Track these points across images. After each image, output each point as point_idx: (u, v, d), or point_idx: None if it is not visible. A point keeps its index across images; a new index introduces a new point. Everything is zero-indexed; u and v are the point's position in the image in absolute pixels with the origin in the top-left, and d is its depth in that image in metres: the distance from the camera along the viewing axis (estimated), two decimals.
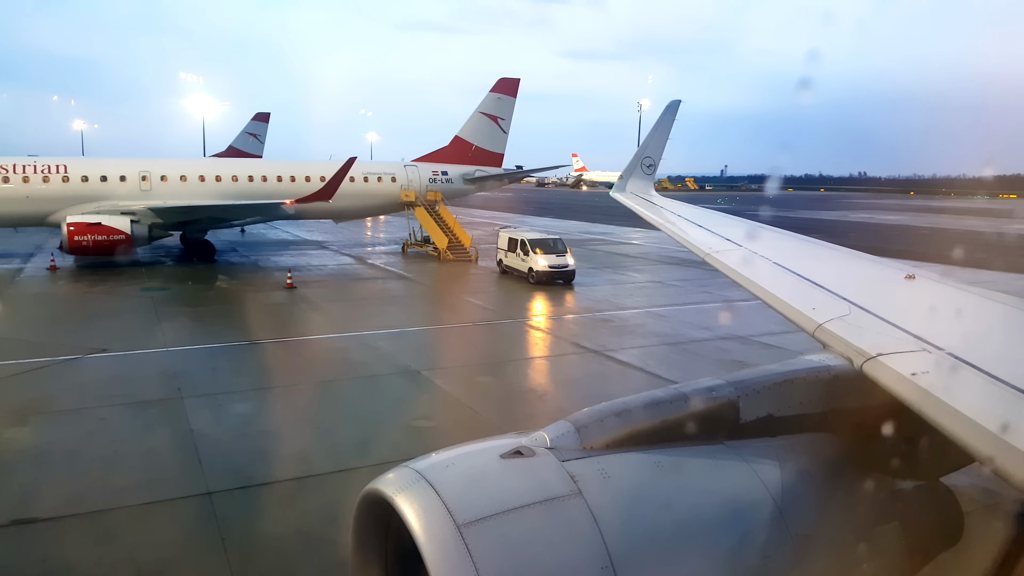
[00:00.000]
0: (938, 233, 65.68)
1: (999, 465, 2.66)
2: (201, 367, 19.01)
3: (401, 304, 28.67)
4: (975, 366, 3.42)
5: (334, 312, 26.53)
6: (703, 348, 22.02)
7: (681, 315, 26.94)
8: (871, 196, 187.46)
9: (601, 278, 36.02)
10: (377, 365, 19.55)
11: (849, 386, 4.04)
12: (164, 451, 13.42)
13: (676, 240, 8.46)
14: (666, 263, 41.81)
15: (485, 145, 50.41)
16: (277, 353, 20.70)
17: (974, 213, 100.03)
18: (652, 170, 12.23)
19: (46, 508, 11.02)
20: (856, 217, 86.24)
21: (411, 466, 3.38)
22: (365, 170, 45.85)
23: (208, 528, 10.57)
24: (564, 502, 3.22)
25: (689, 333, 24.02)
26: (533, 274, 33.54)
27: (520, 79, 51.47)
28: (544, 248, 34.02)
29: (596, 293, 31.63)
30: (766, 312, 26.87)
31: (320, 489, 11.87)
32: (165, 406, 15.79)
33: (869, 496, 3.96)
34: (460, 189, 49.77)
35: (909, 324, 4.13)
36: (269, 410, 16.02)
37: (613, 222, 72.75)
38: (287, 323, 24.90)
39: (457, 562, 2.89)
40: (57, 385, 17.20)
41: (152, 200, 38.41)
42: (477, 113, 50.25)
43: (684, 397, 3.96)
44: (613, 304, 29.01)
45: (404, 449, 13.58)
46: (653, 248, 49.63)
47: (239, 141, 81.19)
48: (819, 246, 7.74)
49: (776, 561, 3.59)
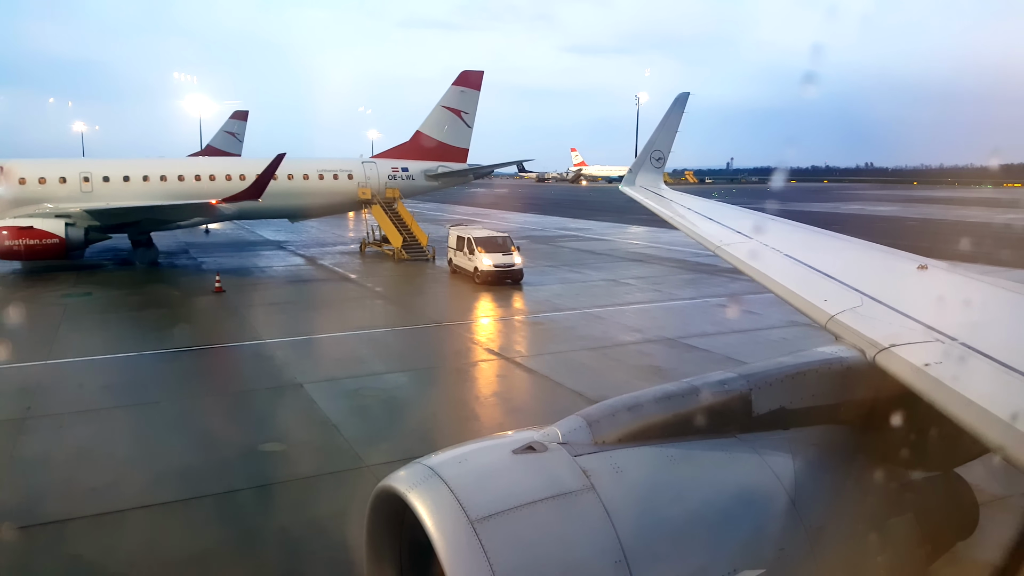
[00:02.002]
0: (925, 224, 63.87)
1: (1011, 454, 2.63)
2: (69, 382, 17.62)
3: (327, 308, 27.23)
4: (988, 356, 3.35)
5: (251, 318, 25.13)
6: (623, 352, 20.55)
7: (619, 316, 25.46)
8: (873, 187, 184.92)
9: (554, 277, 34.55)
10: (261, 379, 18.17)
11: (862, 378, 3.96)
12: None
13: (686, 233, 8.24)
14: (629, 260, 40.30)
15: (448, 140, 48.87)
16: (161, 366, 19.28)
17: (968, 203, 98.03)
18: (661, 163, 12.04)
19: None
20: (847, 209, 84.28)
21: (424, 462, 3.33)
22: (320, 167, 44.43)
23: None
24: (577, 497, 3.18)
25: (617, 336, 22.55)
26: (478, 274, 32.13)
27: (483, 72, 49.89)
28: (489, 246, 32.56)
29: (540, 293, 30.17)
30: (705, 312, 25.64)
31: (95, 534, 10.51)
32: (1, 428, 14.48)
33: (883, 488, 3.89)
34: (422, 186, 48.25)
35: (922, 315, 4.03)
36: (110, 433, 14.54)
37: (597, 218, 71.45)
38: (194, 331, 23.50)
39: (471, 557, 2.86)
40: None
41: (93, 202, 37.15)
42: (439, 107, 48.68)
43: (696, 391, 3.89)
44: (552, 305, 27.55)
45: (226, 482, 12.22)
46: (622, 245, 48.15)
47: (217, 140, 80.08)
48: (830, 237, 7.52)
49: (790, 554, 3.51)
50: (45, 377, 17.80)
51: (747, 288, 31.10)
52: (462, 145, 49.49)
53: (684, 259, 40.68)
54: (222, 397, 16.87)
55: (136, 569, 9.71)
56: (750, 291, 30.42)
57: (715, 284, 32.05)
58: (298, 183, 43.30)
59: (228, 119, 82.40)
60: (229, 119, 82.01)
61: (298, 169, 44.05)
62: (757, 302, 27.88)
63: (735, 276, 34.48)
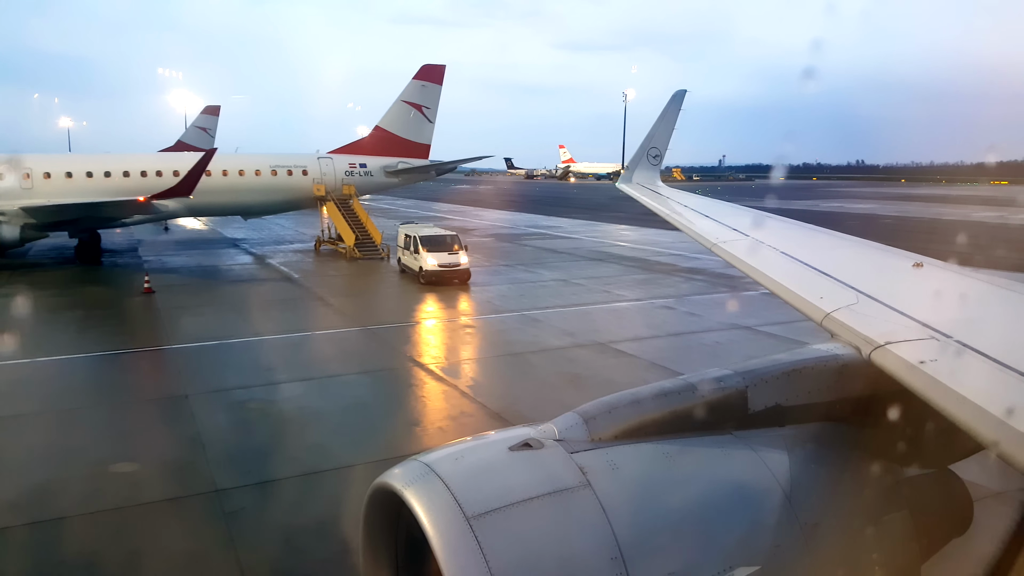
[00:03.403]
0: (898, 222, 63.08)
1: (1006, 451, 2.66)
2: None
3: (254, 311, 25.95)
4: (984, 354, 3.37)
5: (168, 322, 23.88)
6: (546, 359, 19.46)
7: (557, 319, 24.36)
8: (860, 184, 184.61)
9: (505, 277, 33.45)
10: (147, 389, 17.10)
11: (858, 375, 3.98)
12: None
13: (683, 231, 8.28)
14: (589, 259, 39.19)
15: (409, 136, 47.63)
16: (45, 373, 18.03)
17: (948, 201, 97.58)
18: (658, 161, 12.03)
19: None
20: (825, 207, 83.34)
21: (420, 459, 3.30)
22: (272, 162, 43.11)
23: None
24: (573, 494, 3.18)
25: (547, 341, 21.46)
26: (423, 274, 31.01)
27: (445, 66, 48.61)
28: (435, 246, 31.42)
29: (485, 294, 29.06)
30: (646, 314, 24.16)
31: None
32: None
33: (878, 484, 3.88)
34: (381, 182, 47.00)
35: (917, 312, 4.09)
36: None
37: (572, 215, 70.57)
38: (102, 336, 22.09)
39: (467, 554, 2.86)
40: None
41: (34, 199, 35.83)
42: (399, 102, 47.40)
43: (692, 387, 3.86)
44: (492, 307, 26.46)
45: (56, 507, 11.07)
46: (588, 243, 47.05)
47: (188, 135, 78.63)
48: (826, 235, 7.57)
49: (786, 550, 3.51)
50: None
51: (697, 289, 30.12)
52: (424, 141, 48.27)
53: (645, 258, 39.68)
54: (95, 410, 15.61)
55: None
56: (698, 292, 29.43)
57: (666, 285, 30.99)
58: (249, 179, 42.00)
59: (200, 114, 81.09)
60: (201, 114, 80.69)
61: (249, 165, 42.74)
62: (701, 304, 26.87)
63: (689, 277, 33.48)
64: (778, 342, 21.15)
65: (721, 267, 36.18)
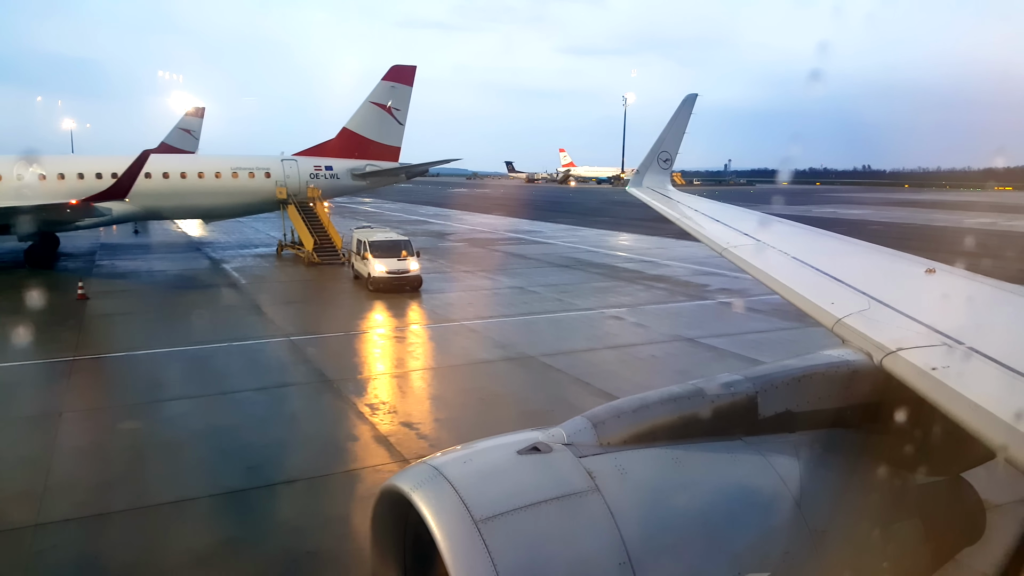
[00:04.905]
0: (887, 228, 61.68)
1: (1019, 459, 2.64)
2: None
3: (180, 319, 24.59)
4: (996, 360, 3.34)
5: (86, 331, 22.56)
6: (466, 374, 18.24)
7: (496, 329, 23.16)
8: (862, 190, 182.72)
9: (461, 284, 32.24)
10: (23, 405, 15.79)
11: (868, 381, 3.92)
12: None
13: (693, 235, 8.15)
14: (557, 266, 37.88)
15: (378, 138, 46.50)
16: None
17: (945, 206, 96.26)
18: (669, 164, 11.99)
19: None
20: (817, 212, 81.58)
21: (429, 462, 3.28)
22: (233, 164, 41.97)
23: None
24: (581, 498, 3.17)
25: (476, 354, 20.25)
26: (371, 280, 29.82)
27: (416, 67, 47.51)
28: (383, 251, 30.22)
29: (432, 303, 27.84)
30: (591, 324, 23.49)
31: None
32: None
33: (889, 492, 3.84)
34: (348, 185, 45.83)
35: (929, 318, 4.05)
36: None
37: (558, 220, 69.74)
38: (6, 347, 21.07)
39: (475, 558, 2.84)
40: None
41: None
42: (368, 103, 46.26)
43: (701, 392, 3.79)
44: (434, 317, 25.22)
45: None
46: (561, 249, 45.67)
47: (172, 137, 77.58)
48: (837, 240, 7.49)
49: (795, 557, 3.46)
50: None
51: (655, 298, 28.87)
52: (393, 143, 47.15)
53: (613, 265, 38.46)
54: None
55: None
56: (654, 301, 28.19)
57: (624, 294, 29.74)
58: (208, 182, 40.86)
59: (184, 116, 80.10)
60: (185, 116, 79.59)
61: (208, 167, 41.61)
62: (653, 314, 25.63)
63: (651, 285, 32.20)
64: (716, 355, 19.95)
65: (686, 275, 34.97)
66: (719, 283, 32.18)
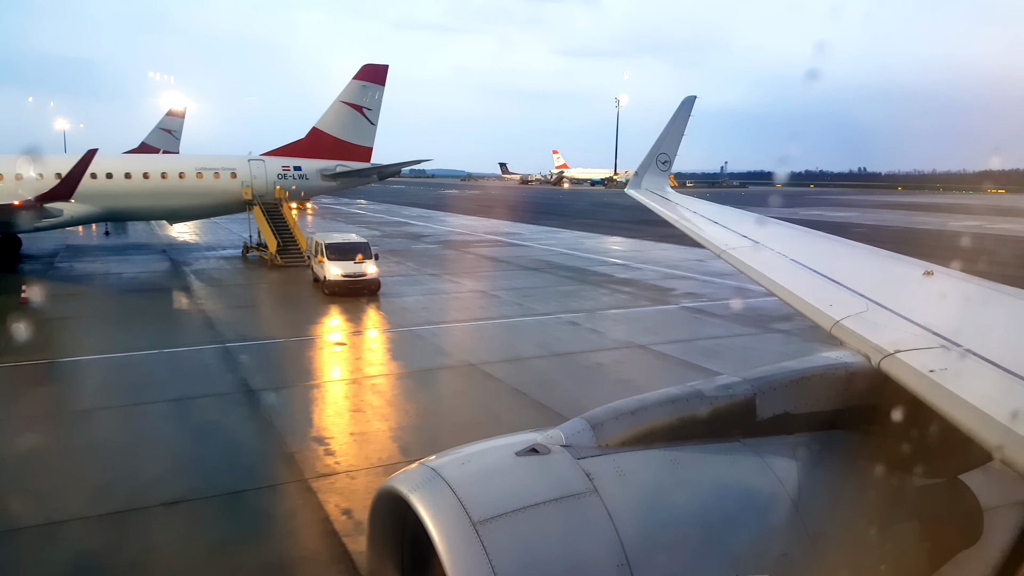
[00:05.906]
0: (872, 231, 60.88)
1: (1016, 461, 2.64)
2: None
3: (118, 325, 23.56)
4: (995, 363, 3.33)
5: (17, 338, 21.80)
6: (402, 384, 17.37)
7: (444, 336, 22.25)
8: (854, 192, 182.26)
9: (421, 288, 31.29)
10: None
11: (867, 383, 3.94)
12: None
13: (692, 237, 8.12)
14: (525, 269, 36.94)
15: (349, 138, 45.57)
16: None
17: (934, 209, 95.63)
18: (667, 166, 11.98)
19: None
20: (804, 214, 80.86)
21: (427, 464, 3.28)
22: (198, 164, 41.02)
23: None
24: (580, 500, 3.17)
25: (417, 362, 19.33)
26: (326, 284, 28.91)
27: (388, 66, 46.59)
28: (339, 254, 29.29)
29: (388, 307, 26.92)
30: (545, 330, 22.51)
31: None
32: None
33: (887, 494, 3.82)
34: (317, 186, 44.88)
35: (928, 321, 3.99)
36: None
37: (542, 222, 68.83)
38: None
39: (473, 559, 2.85)
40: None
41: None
42: (338, 103, 45.32)
43: (700, 394, 3.81)
44: (386, 323, 24.33)
45: None
46: (535, 252, 44.68)
47: (152, 137, 76.60)
48: (836, 242, 7.48)
49: (793, 559, 3.48)
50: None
51: (617, 302, 28.00)
52: (365, 143, 46.24)
53: (584, 268, 37.58)
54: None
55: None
56: (616, 306, 27.32)
57: (587, 298, 28.87)
58: (172, 182, 39.89)
59: (164, 116, 79.11)
60: (165, 116, 78.58)
61: (172, 167, 40.64)
62: (610, 319, 24.74)
63: (616, 289, 31.33)
64: (667, 363, 19.09)
65: (655, 279, 34.11)
66: (686, 287, 31.36)
